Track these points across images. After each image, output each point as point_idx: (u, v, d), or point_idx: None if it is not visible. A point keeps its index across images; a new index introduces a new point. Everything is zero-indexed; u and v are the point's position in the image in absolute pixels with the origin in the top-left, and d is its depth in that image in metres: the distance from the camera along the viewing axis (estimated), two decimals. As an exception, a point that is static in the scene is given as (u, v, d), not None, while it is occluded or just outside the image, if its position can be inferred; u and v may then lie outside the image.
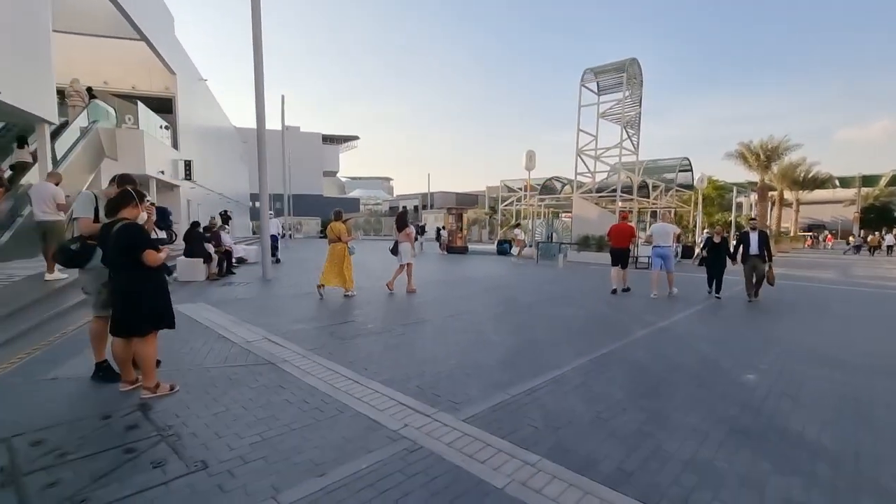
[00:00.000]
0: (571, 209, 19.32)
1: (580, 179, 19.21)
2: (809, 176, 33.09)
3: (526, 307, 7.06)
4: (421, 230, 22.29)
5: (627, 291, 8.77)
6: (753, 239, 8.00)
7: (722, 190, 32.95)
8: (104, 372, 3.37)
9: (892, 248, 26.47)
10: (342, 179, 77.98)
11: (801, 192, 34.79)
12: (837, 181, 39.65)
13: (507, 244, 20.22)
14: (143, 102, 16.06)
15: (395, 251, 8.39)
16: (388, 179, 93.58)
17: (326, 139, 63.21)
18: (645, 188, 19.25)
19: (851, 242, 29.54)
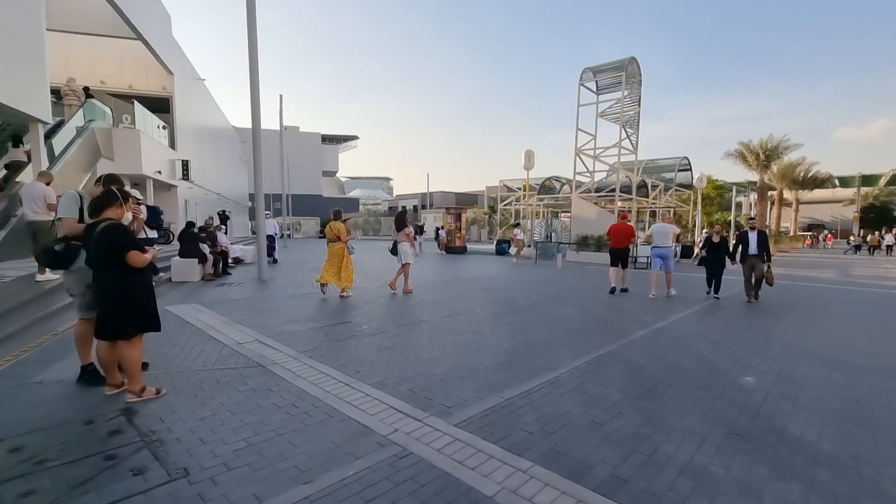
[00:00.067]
0: (570, 209, 19.26)
1: (579, 179, 19.15)
2: (809, 175, 33.09)
3: (523, 307, 7.00)
4: (419, 230, 22.21)
5: (626, 292, 8.71)
6: (752, 238, 7.92)
7: (721, 189, 32.93)
8: (90, 375, 3.30)
9: (891, 247, 26.40)
10: (342, 179, 77.79)
11: (800, 191, 34.80)
12: (837, 180, 39.70)
13: (505, 244, 20.13)
14: (140, 102, 15.99)
15: (394, 251, 8.37)
16: (387, 179, 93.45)
17: (326, 139, 63.00)
18: (644, 188, 19.18)
19: (852, 242, 29.47)
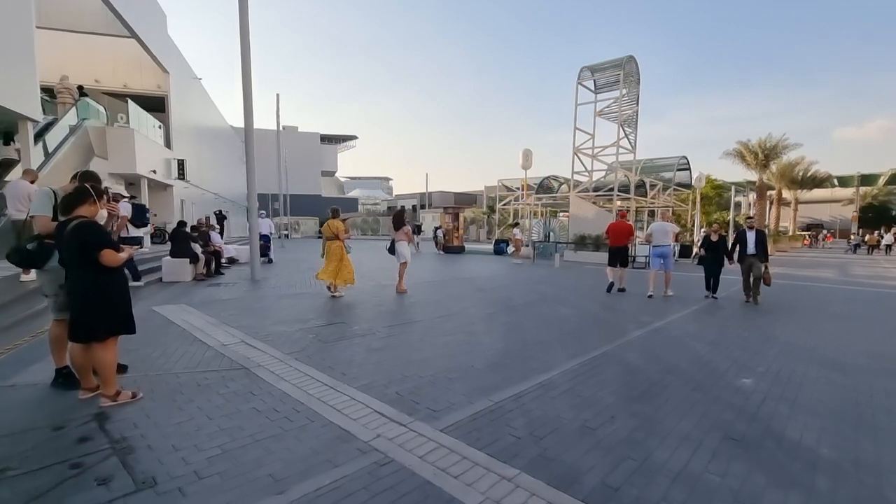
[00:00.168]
0: (568, 208, 19.15)
1: (577, 178, 19.04)
2: (808, 175, 33.02)
3: (519, 307, 6.89)
4: (417, 229, 22.09)
5: (623, 292, 8.60)
6: (750, 238, 7.81)
7: (720, 189, 32.80)
8: (64, 378, 3.19)
9: (890, 247, 26.33)
10: (341, 179, 77.59)
11: (799, 191, 34.72)
12: (836, 180, 39.66)
13: (503, 244, 20.03)
14: (134, 101, 15.88)
15: (391, 250, 8.29)
16: (387, 179, 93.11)
17: (325, 139, 62.78)
18: (642, 187, 19.08)
19: (851, 241, 29.40)
